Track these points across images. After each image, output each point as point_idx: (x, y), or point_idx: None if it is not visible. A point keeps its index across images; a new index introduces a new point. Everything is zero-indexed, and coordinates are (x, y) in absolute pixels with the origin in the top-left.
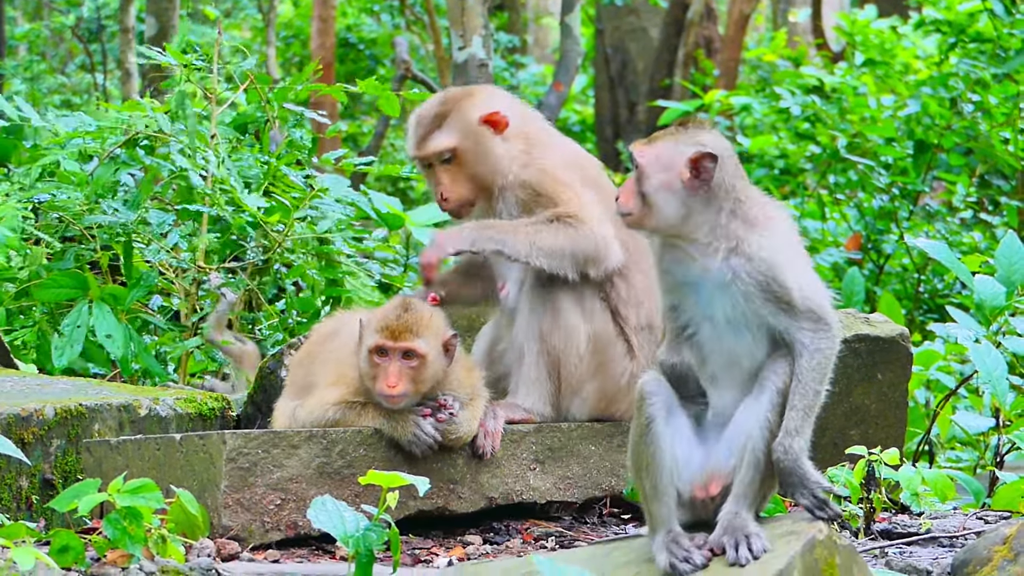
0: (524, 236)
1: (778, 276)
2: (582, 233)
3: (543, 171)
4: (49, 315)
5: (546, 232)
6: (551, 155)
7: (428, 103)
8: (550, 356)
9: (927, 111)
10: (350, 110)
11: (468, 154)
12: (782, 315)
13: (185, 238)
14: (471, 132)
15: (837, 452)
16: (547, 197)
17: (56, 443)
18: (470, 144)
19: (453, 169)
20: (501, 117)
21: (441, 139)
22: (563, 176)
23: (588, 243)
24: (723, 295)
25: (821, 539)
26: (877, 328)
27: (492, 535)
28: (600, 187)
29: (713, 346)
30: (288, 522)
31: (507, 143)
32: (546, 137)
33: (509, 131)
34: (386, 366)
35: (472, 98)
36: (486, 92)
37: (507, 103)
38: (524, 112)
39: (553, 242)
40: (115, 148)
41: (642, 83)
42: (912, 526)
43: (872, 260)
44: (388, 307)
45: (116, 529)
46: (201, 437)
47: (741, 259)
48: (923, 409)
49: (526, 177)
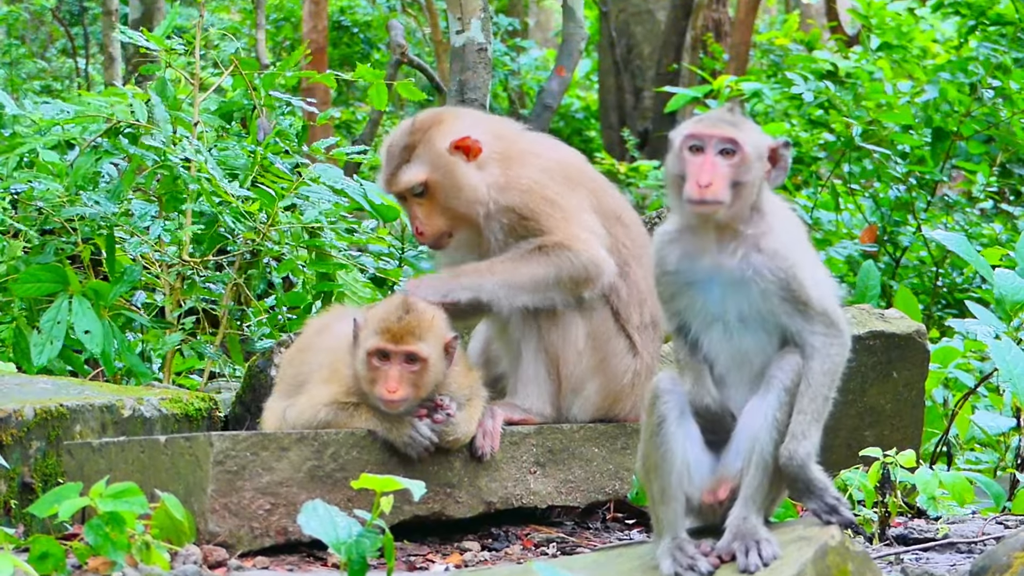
0: (501, 277)
1: (798, 274)
2: (567, 260)
3: (524, 192)
4: (28, 311)
5: (525, 267)
6: (530, 171)
7: (397, 133)
8: (548, 354)
9: (945, 97)
10: (344, 96)
11: (440, 186)
12: (797, 316)
13: (169, 231)
14: (441, 163)
15: (851, 454)
16: (532, 220)
17: (36, 445)
18: (441, 176)
19: (427, 202)
20: (472, 142)
21: (411, 173)
22: (547, 192)
23: (575, 268)
24: (738, 293)
25: (833, 545)
26: (892, 325)
27: (491, 541)
28: (589, 188)
29: (722, 347)
30: (278, 528)
31: (482, 169)
32: (524, 151)
33: (483, 155)
34: (386, 370)
35: (440, 125)
36: (454, 116)
37: (478, 124)
38: (498, 129)
39: (534, 276)
40: (97, 137)
41: (648, 68)
42: (929, 531)
43: (888, 253)
44: (387, 307)
45: (98, 535)
46: (187, 439)
47: (762, 256)
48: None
49: (506, 202)
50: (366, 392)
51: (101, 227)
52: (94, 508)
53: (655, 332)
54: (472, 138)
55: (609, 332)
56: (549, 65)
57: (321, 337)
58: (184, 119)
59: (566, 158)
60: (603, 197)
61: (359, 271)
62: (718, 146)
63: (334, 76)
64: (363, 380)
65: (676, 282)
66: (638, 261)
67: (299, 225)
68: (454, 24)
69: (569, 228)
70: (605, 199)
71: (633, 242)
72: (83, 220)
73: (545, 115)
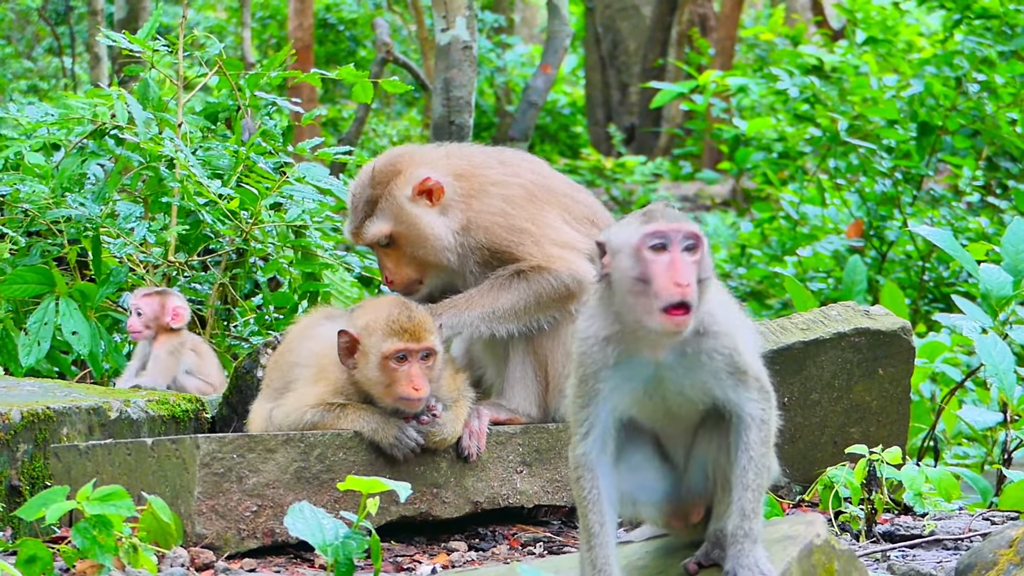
0: (480, 310)
1: (739, 347)
2: (546, 282)
3: (487, 229)
4: (14, 313)
5: (505, 296)
6: (492, 205)
7: (359, 183)
8: (536, 355)
9: (931, 91)
10: (330, 94)
11: (405, 237)
12: (739, 387)
13: (154, 232)
14: (404, 214)
15: (837, 451)
16: (505, 252)
17: (23, 448)
18: (405, 228)
19: (394, 252)
20: (432, 184)
21: (375, 227)
22: (512, 222)
23: (556, 288)
24: (684, 375)
25: (819, 544)
26: (877, 321)
27: (478, 541)
28: (557, 201)
29: (656, 415)
30: (265, 529)
31: (445, 214)
32: (484, 183)
33: (446, 197)
34: (407, 370)
35: (400, 176)
36: (412, 162)
37: (438, 164)
38: (458, 165)
39: (515, 304)
40: (82, 139)
41: (634, 63)
42: (915, 528)
43: (874, 248)
44: (389, 309)
45: (86, 538)
46: (174, 441)
47: (708, 338)
48: (928, 403)
49: (475, 242)
50: (377, 397)
51: (87, 228)
52: (81, 511)
53: None
54: (433, 179)
55: None
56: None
57: (307, 338)
58: (169, 120)
59: (529, 178)
60: (573, 205)
61: (345, 270)
62: (683, 242)
63: (319, 76)
64: (374, 384)
65: (612, 377)
66: None
67: (283, 224)
68: (439, 22)
69: (543, 249)
70: (575, 207)
71: None
72: (69, 222)
73: (531, 112)
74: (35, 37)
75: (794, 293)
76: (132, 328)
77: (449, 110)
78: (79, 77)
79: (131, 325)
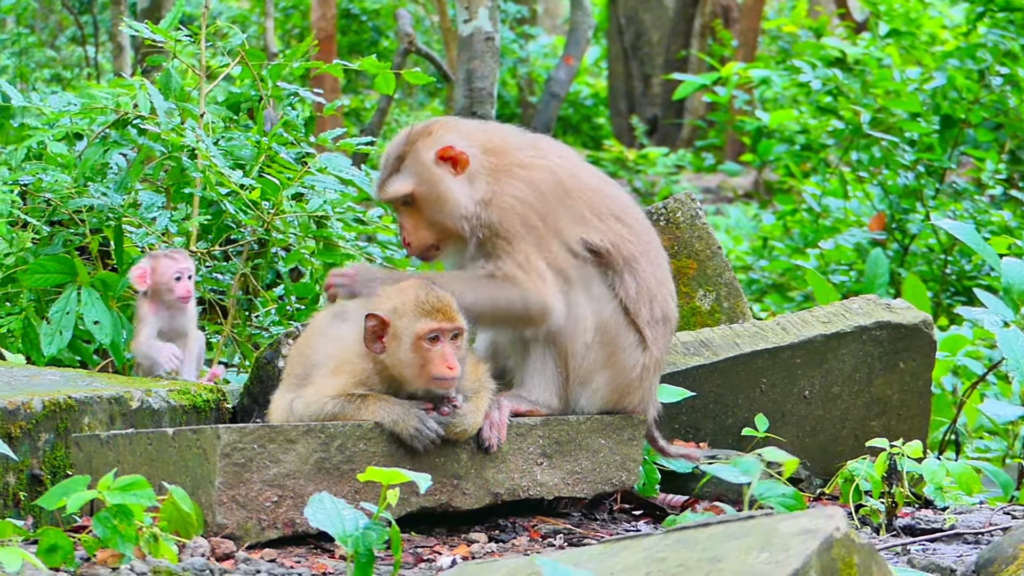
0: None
1: None
2: (510, 294)
3: (505, 210)
4: (36, 302)
5: (470, 292)
6: (516, 188)
7: (394, 141)
8: (556, 346)
9: (954, 84)
10: (353, 84)
11: (425, 199)
12: None
13: (176, 222)
14: (427, 175)
15: (858, 445)
16: (503, 240)
17: (44, 437)
18: (426, 188)
19: (414, 213)
20: (456, 153)
21: (398, 183)
22: (527, 213)
23: (518, 305)
24: None
25: (839, 537)
26: (899, 315)
27: (498, 532)
28: (584, 196)
29: None
30: (285, 520)
31: (470, 183)
32: (514, 164)
33: (472, 168)
34: (440, 349)
35: (429, 137)
36: (445, 127)
37: (470, 135)
38: (491, 141)
39: (474, 302)
40: (105, 128)
41: (657, 55)
42: (936, 522)
43: (897, 241)
44: (415, 290)
45: (106, 528)
46: (194, 431)
47: None
48: (950, 397)
49: (486, 218)
50: (409, 379)
51: (109, 218)
52: (102, 501)
53: (665, 328)
54: (456, 149)
55: (619, 326)
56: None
57: (328, 329)
58: (191, 110)
59: (559, 163)
60: (600, 200)
61: (367, 261)
62: None
63: (341, 66)
64: (408, 367)
65: None
66: (646, 257)
67: (305, 215)
68: (461, 13)
69: (529, 259)
70: (602, 201)
71: (638, 238)
72: (91, 211)
73: (553, 103)
74: (58, 26)
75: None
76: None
77: (471, 101)
78: (102, 66)
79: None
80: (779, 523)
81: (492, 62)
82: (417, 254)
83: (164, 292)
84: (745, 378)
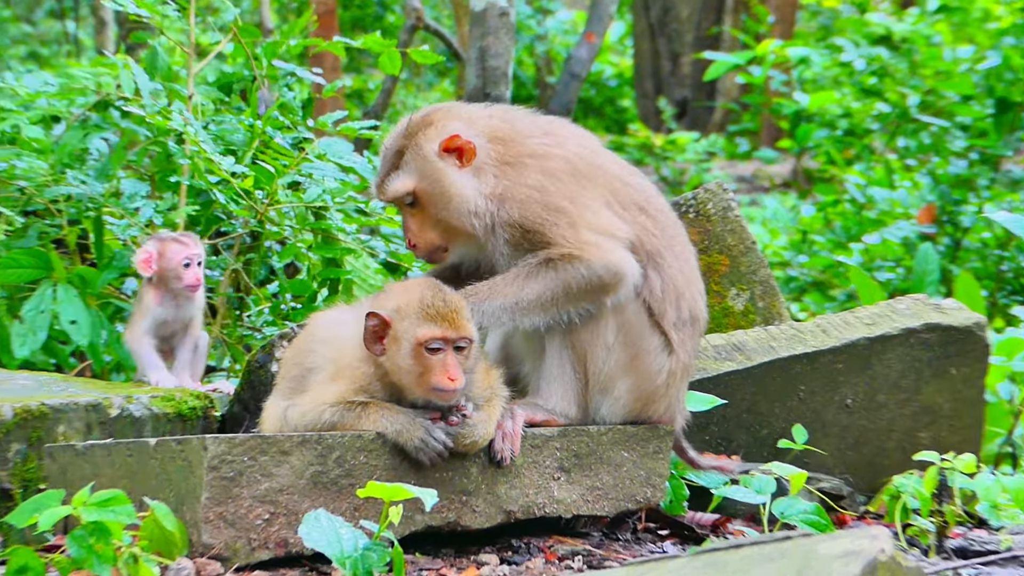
0: (503, 299)
1: None
2: (577, 272)
3: (523, 203)
4: (8, 299)
5: (531, 286)
6: (530, 178)
7: (392, 134)
8: (574, 349)
9: (1009, 64)
10: (355, 63)
11: (430, 197)
12: None
13: (161, 212)
14: (430, 170)
15: (905, 457)
16: (535, 232)
17: (15, 448)
18: (429, 185)
19: (419, 213)
20: (462, 142)
21: (399, 182)
22: (549, 199)
23: (589, 279)
24: None
25: (884, 560)
26: (949, 316)
27: (510, 554)
28: (603, 181)
29: None
30: (277, 539)
31: (478, 176)
32: (523, 152)
33: (479, 159)
34: (442, 359)
35: (430, 127)
36: (447, 116)
37: (474, 123)
38: (498, 128)
39: (540, 295)
40: (85, 111)
41: (687, 31)
42: (991, 543)
43: (948, 234)
44: (421, 293)
45: (82, 547)
46: (179, 442)
47: None
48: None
49: (507, 216)
50: (408, 387)
51: (88, 208)
52: (77, 517)
53: (693, 329)
54: (462, 138)
55: (642, 328)
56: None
57: (327, 331)
58: (178, 90)
59: (576, 151)
60: (622, 188)
61: (369, 256)
62: None
63: (343, 44)
64: (406, 373)
65: None
66: (671, 251)
67: (302, 205)
68: None
69: (578, 235)
70: (624, 190)
71: (663, 231)
72: (69, 200)
73: (573, 84)
74: (36, 0)
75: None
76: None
77: (484, 81)
78: (82, 43)
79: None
80: (818, 544)
81: (507, 39)
82: (424, 256)
83: (171, 279)
84: (782, 385)
